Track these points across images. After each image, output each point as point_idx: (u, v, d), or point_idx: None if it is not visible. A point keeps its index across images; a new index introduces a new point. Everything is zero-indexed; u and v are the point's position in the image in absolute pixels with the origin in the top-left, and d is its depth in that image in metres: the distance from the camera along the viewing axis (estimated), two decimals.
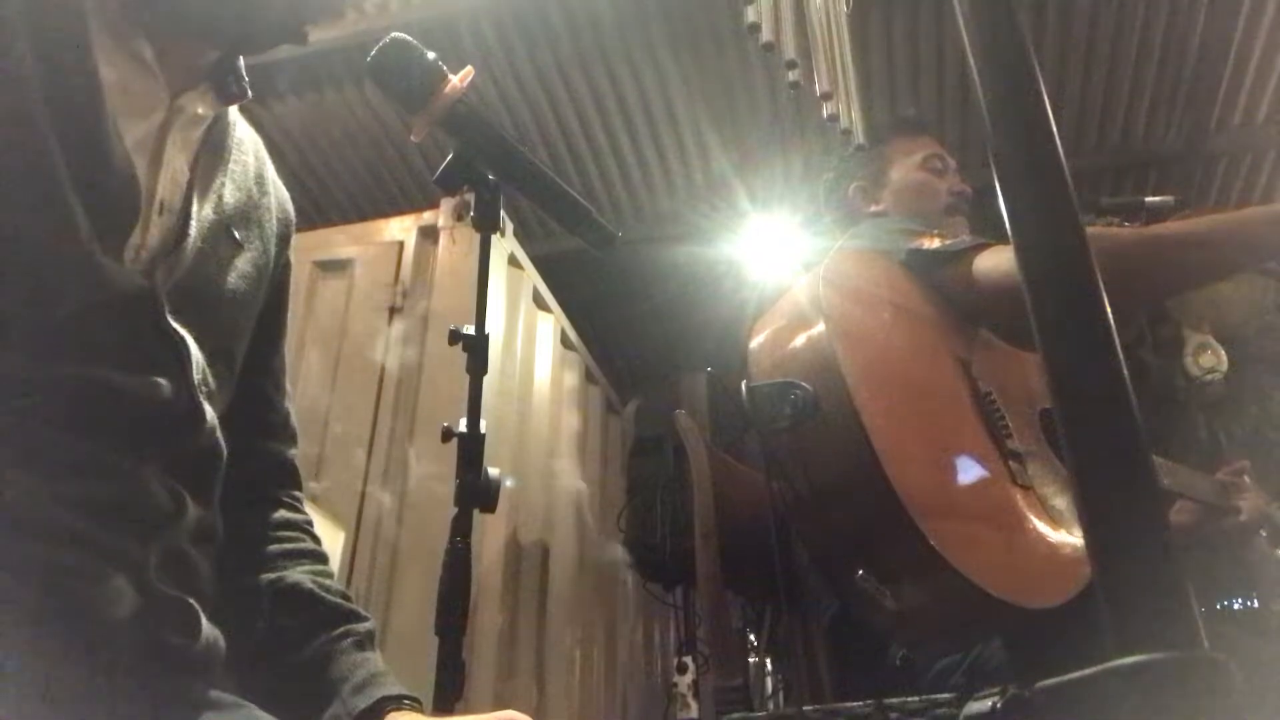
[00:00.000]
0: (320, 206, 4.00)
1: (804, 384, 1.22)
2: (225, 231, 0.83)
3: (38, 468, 0.65)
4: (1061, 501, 1.34)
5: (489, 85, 3.45)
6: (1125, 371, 0.32)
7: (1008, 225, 0.36)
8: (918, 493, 1.13)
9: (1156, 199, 1.87)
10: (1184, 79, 3.43)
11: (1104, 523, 0.32)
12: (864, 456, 1.14)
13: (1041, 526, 1.27)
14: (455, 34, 3.22)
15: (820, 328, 1.28)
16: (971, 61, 0.38)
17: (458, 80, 1.02)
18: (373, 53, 1.02)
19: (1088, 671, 0.32)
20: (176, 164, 0.78)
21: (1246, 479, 1.73)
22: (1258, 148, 3.70)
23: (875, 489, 1.12)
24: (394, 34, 1.03)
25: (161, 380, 0.73)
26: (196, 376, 0.77)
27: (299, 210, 1.03)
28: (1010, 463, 1.32)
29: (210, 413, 0.79)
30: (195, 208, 0.79)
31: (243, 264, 0.85)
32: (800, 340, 1.32)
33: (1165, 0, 3.15)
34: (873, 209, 1.81)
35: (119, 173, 0.70)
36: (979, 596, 1.11)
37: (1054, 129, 0.35)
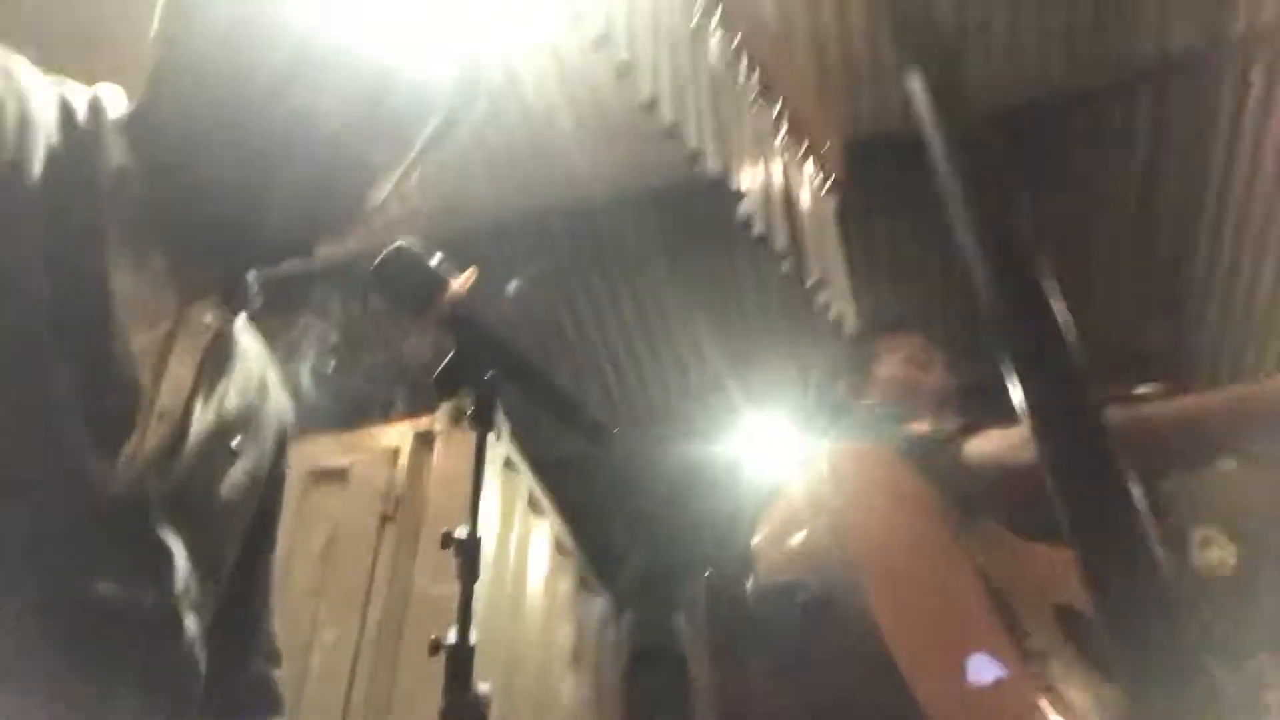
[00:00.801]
0: (316, 415, 4.02)
1: (810, 583, 1.18)
2: (222, 441, 0.83)
3: (4, 686, 0.60)
4: (1088, 702, 1.26)
5: (488, 293, 3.56)
6: (1161, 562, 0.30)
7: (1026, 413, 0.35)
8: (938, 700, 1.06)
9: (1145, 389, 1.89)
10: (1163, 277, 3.57)
11: None
12: (883, 661, 1.08)
13: None
14: (456, 247, 3.37)
15: (824, 525, 1.25)
16: (971, 259, 0.38)
17: (460, 283, 1.04)
18: (377, 261, 1.05)
19: None
20: (180, 372, 0.78)
21: None
22: (1240, 340, 3.80)
23: (896, 696, 1.05)
24: (398, 243, 1.06)
25: (143, 590, 0.70)
26: (180, 587, 0.74)
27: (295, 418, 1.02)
28: (1032, 665, 1.25)
29: (191, 626, 0.75)
30: (196, 415, 0.78)
31: (236, 474, 0.84)
32: (809, 536, 1.28)
33: (1132, 205, 3.33)
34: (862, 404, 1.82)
35: (121, 383, 0.70)
36: None
37: (1058, 320, 0.35)
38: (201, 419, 0.79)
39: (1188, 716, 0.31)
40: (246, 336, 0.93)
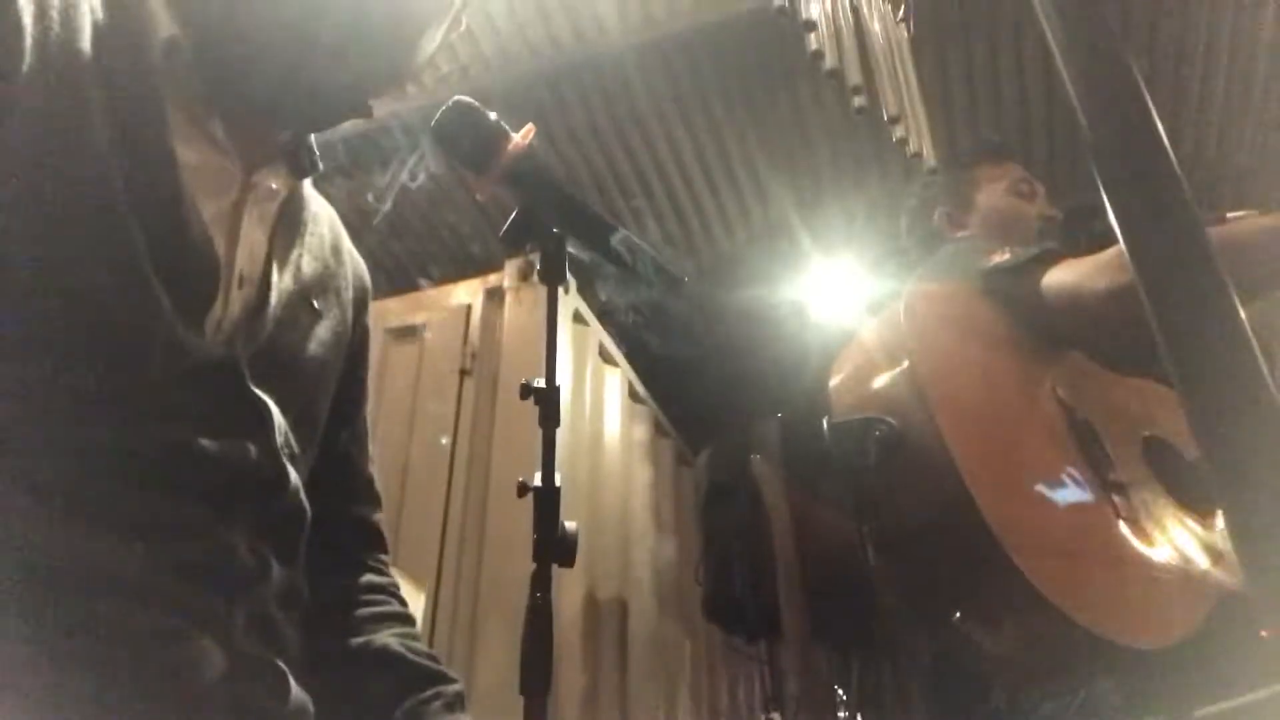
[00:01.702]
0: (389, 275, 4.11)
1: (888, 419, 1.19)
2: (304, 300, 0.85)
3: (126, 530, 0.66)
4: (1171, 534, 1.27)
5: (546, 146, 3.52)
6: (1264, 369, 0.29)
7: (1118, 229, 0.34)
8: (1014, 529, 1.08)
9: (1238, 214, 1.80)
10: (1253, 96, 3.33)
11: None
12: (956, 493, 1.09)
13: (1150, 561, 1.20)
14: (512, 99, 3.31)
15: (904, 363, 1.24)
16: (1061, 64, 0.36)
17: (520, 138, 1.03)
18: (436, 117, 1.04)
19: (1254, 696, 0.29)
20: (254, 238, 0.80)
21: None
22: None
23: (969, 526, 1.07)
24: (456, 98, 1.05)
25: (246, 444, 0.74)
26: (279, 439, 0.78)
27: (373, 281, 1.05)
28: (1114, 495, 1.25)
29: (294, 475, 0.80)
30: (275, 279, 0.81)
31: (322, 331, 0.87)
32: (883, 376, 1.29)
33: (1228, 14, 3.08)
34: (960, 234, 1.77)
35: (198, 250, 0.72)
36: (1085, 637, 1.05)
37: (1156, 120, 0.33)
38: (281, 282, 0.82)
39: None
40: (316, 201, 0.94)
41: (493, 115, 1.04)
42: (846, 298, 3.76)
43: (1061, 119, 3.41)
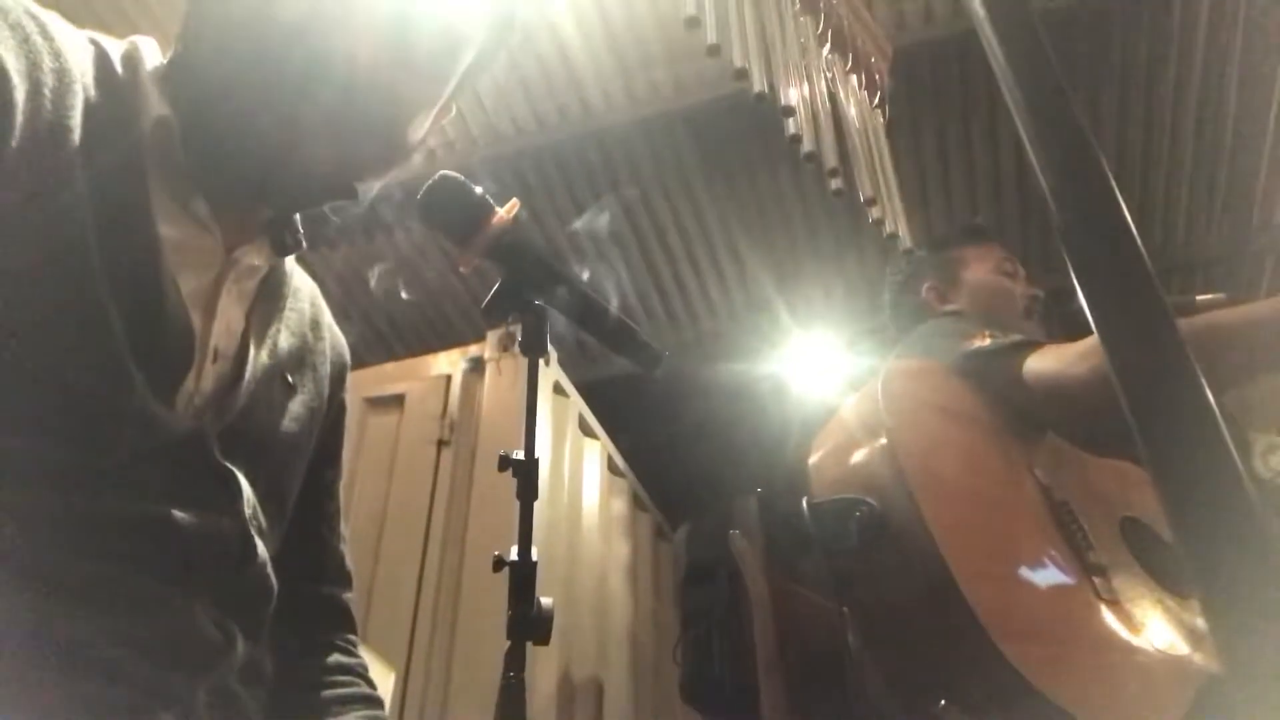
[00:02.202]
0: (370, 345, 4.11)
1: (869, 500, 1.18)
2: (279, 376, 0.85)
3: (89, 603, 0.64)
4: (1152, 617, 1.26)
5: (530, 220, 3.57)
6: (1235, 455, 0.30)
7: (1086, 308, 0.35)
8: (997, 613, 1.07)
9: (1207, 297, 1.84)
10: (1220, 181, 3.44)
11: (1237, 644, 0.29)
12: (939, 575, 1.08)
13: (1133, 645, 1.19)
14: (498, 174, 3.36)
15: (882, 441, 1.24)
16: (1032, 154, 0.37)
17: (504, 212, 1.05)
18: (422, 191, 1.05)
19: None
20: (231, 314, 0.80)
21: None
22: None
23: (952, 609, 1.06)
24: (442, 172, 1.07)
25: (214, 516, 0.73)
26: (248, 511, 0.77)
27: (350, 350, 1.05)
28: (1094, 577, 1.24)
29: (262, 549, 0.79)
30: (251, 354, 0.80)
31: (296, 407, 0.87)
32: (862, 455, 1.28)
33: (1192, 103, 3.20)
34: (946, 308, 1.79)
35: (173, 325, 0.72)
36: None
37: (1121, 203, 0.34)
38: (257, 357, 0.81)
39: (1273, 633, 0.31)
40: (298, 276, 0.94)
41: (478, 189, 1.06)
42: (825, 373, 3.79)
43: (1035, 201, 3.51)
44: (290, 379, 0.87)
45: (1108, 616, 1.21)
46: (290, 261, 0.92)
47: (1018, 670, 1.03)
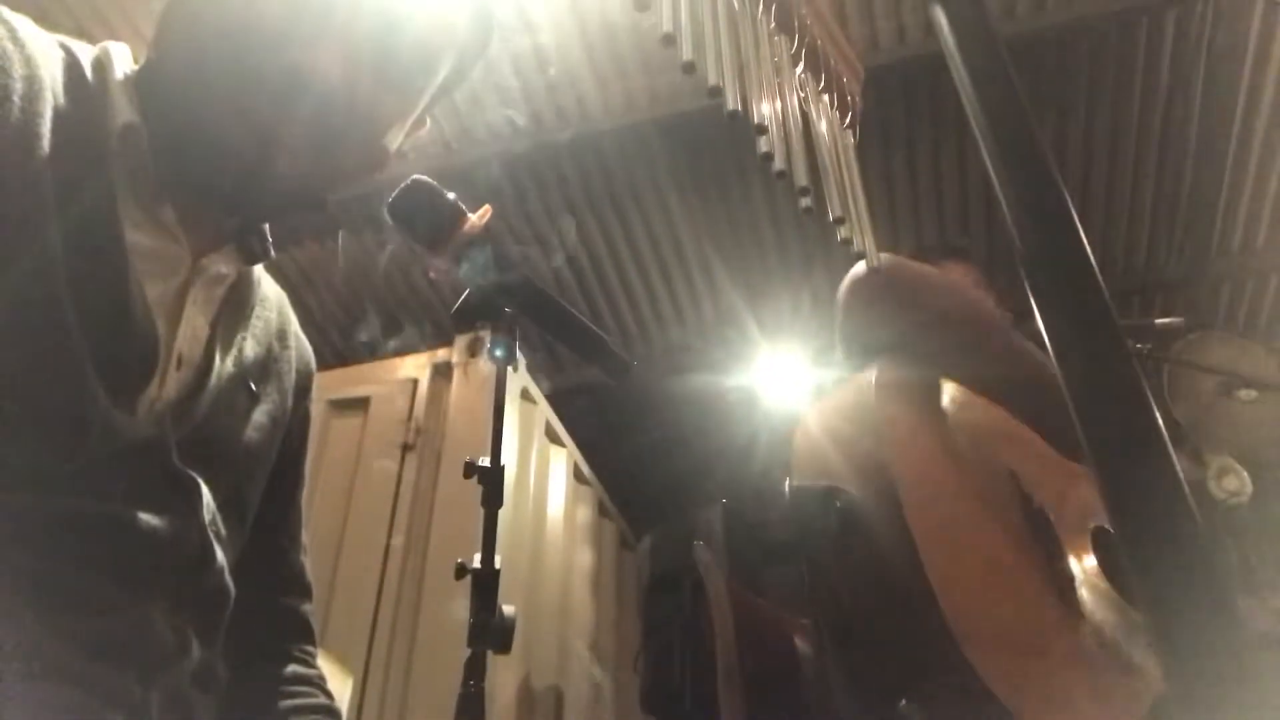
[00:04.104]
0: (337, 348, 4.07)
1: (849, 490, 1.19)
2: (243, 384, 0.84)
3: (43, 603, 0.63)
4: (1113, 630, 1.28)
5: (502, 226, 3.56)
6: (1181, 474, 0.31)
7: (1044, 332, 0.36)
8: (966, 620, 1.08)
9: (1165, 320, 1.89)
10: (1180, 206, 3.52)
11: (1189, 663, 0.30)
12: (913, 578, 1.09)
13: (1097, 659, 1.21)
14: (469, 180, 3.36)
15: (871, 434, 1.25)
16: (995, 180, 0.39)
17: (476, 218, 1.05)
18: (393, 195, 1.05)
19: None
20: (197, 321, 0.80)
21: None
22: (1260, 271, 3.75)
23: (922, 612, 1.07)
24: (414, 176, 1.07)
25: (171, 519, 0.73)
26: (207, 517, 0.77)
27: (318, 352, 1.04)
28: (1065, 587, 1.26)
29: (220, 554, 0.78)
30: (215, 362, 0.80)
31: (259, 415, 0.86)
32: (849, 446, 1.29)
33: (1155, 129, 3.27)
34: None
35: (137, 331, 0.71)
36: None
37: (1081, 236, 0.36)
38: (221, 365, 0.81)
39: (1215, 649, 0.32)
40: (266, 284, 0.94)
41: (450, 195, 1.06)
42: (792, 386, 3.82)
43: (1000, 222, 3.57)
44: (254, 387, 0.86)
45: (1069, 630, 1.22)
46: (259, 269, 0.91)
47: (980, 677, 1.04)
